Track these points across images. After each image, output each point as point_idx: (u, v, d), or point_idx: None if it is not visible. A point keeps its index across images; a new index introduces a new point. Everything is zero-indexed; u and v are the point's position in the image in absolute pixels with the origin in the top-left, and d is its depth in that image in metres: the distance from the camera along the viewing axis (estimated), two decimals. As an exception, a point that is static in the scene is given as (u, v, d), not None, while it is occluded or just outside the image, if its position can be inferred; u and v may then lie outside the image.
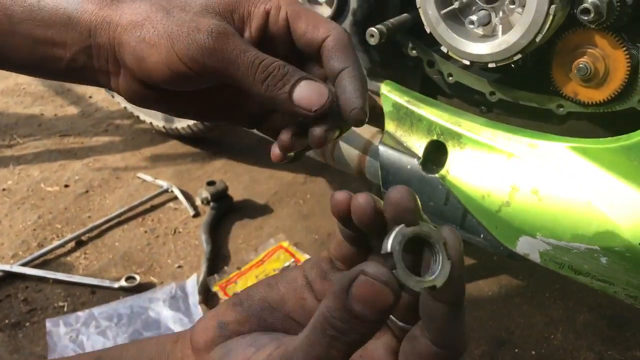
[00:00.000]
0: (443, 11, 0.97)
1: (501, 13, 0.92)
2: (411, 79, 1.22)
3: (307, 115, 0.45)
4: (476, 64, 0.99)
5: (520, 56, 0.91)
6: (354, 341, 0.32)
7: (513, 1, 0.89)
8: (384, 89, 1.12)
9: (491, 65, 0.95)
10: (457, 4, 0.96)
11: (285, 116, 0.51)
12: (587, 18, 0.85)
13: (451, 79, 1.08)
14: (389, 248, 0.33)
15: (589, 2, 0.84)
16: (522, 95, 1.02)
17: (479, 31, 0.96)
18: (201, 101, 0.51)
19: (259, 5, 0.48)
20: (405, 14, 1.09)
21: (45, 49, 0.49)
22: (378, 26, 1.05)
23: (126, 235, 1.58)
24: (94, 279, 1.42)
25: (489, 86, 1.04)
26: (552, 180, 0.88)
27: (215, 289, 1.38)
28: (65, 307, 1.35)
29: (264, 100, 0.46)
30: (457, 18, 0.98)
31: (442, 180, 0.99)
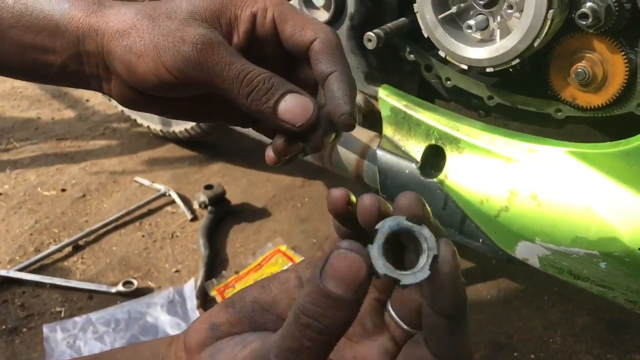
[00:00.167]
0: (441, 16, 0.96)
1: (499, 18, 0.92)
2: (409, 83, 1.22)
3: (292, 130, 0.45)
4: (474, 69, 0.99)
5: (518, 61, 0.91)
6: (328, 329, 0.30)
7: (511, 6, 0.89)
8: (382, 93, 1.12)
9: (489, 70, 0.95)
10: (454, 9, 0.95)
11: None
12: (586, 23, 0.85)
13: (449, 83, 1.08)
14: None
15: (587, 6, 0.84)
16: (520, 100, 1.02)
17: (476, 36, 0.96)
18: (195, 102, 0.51)
19: (245, 9, 0.47)
20: (402, 18, 1.09)
21: (36, 55, 0.49)
22: (375, 30, 1.04)
23: (123, 239, 1.57)
24: (91, 283, 1.41)
25: (487, 90, 1.04)
26: (551, 185, 0.87)
27: (213, 293, 1.37)
28: (63, 313, 1.35)
29: (249, 112, 0.46)
30: (454, 22, 0.98)
31: (440, 184, 0.98)
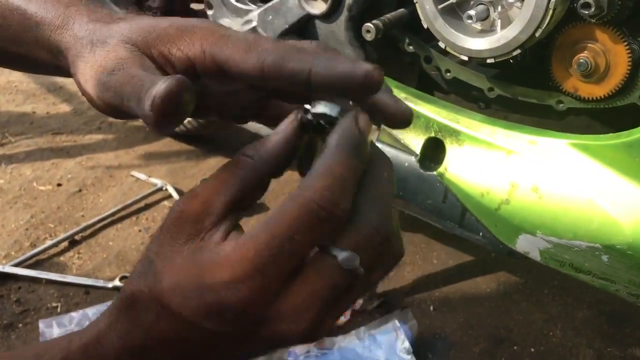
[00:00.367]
0: (440, 6, 0.95)
1: (500, 8, 0.91)
2: (408, 75, 1.21)
3: (157, 124, 0.38)
4: (474, 60, 0.98)
5: (519, 51, 0.90)
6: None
7: (512, -5, 0.87)
8: (381, 85, 1.11)
9: (490, 61, 0.94)
10: (455, -1, 0.94)
11: (285, 101, 0.47)
12: (588, 12, 0.83)
13: (449, 75, 1.07)
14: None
15: (589, -4, 0.83)
16: (521, 91, 1.00)
17: (477, 26, 0.94)
18: None
19: (180, 48, 0.42)
20: (401, 9, 1.07)
21: (27, 58, 0.49)
22: (374, 21, 1.03)
23: (120, 234, 1.56)
24: (87, 279, 1.40)
25: (488, 82, 1.03)
26: (553, 177, 0.86)
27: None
28: (59, 308, 1.33)
29: (148, 124, 0.39)
30: (454, 13, 0.96)
31: (440, 177, 0.97)
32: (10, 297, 1.36)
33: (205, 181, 0.39)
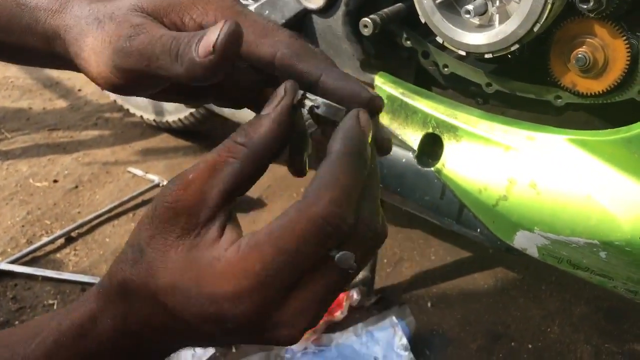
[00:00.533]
0: (438, 1, 0.94)
1: (498, 2, 0.90)
2: (406, 70, 1.20)
3: (213, 69, 0.38)
4: (472, 55, 0.97)
5: (517, 46, 0.89)
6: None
7: (510, -10, 0.87)
8: (378, 80, 1.10)
9: (488, 56, 0.93)
10: (452, -7, 0.93)
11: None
12: (587, 7, 0.83)
13: (446, 70, 1.06)
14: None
15: (588, -10, 0.82)
16: (519, 87, 1.00)
17: (475, 21, 0.93)
18: (182, 85, 0.46)
19: (193, 17, 0.43)
20: (399, 3, 1.06)
21: (18, 47, 0.48)
22: (372, 16, 1.02)
23: (117, 231, 1.55)
24: (84, 276, 1.39)
25: (486, 77, 1.02)
26: (551, 173, 0.86)
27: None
28: (55, 305, 1.33)
29: (187, 80, 0.39)
30: (452, 7, 0.95)
31: (437, 174, 0.97)
32: (6, 294, 1.35)
33: (196, 168, 0.38)
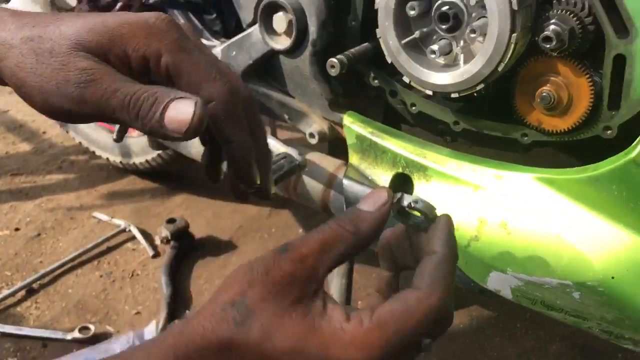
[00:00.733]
0: (404, 41, 0.94)
1: (462, 42, 0.90)
2: (374, 109, 1.19)
3: (181, 139, 0.43)
4: (439, 94, 0.97)
5: (483, 85, 0.89)
6: None
7: (474, 30, 0.87)
8: (347, 120, 1.09)
9: (454, 95, 0.93)
10: (417, 34, 0.93)
11: None
12: (549, 46, 0.83)
13: (414, 108, 1.06)
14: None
15: (550, 29, 0.83)
16: (486, 125, 1.00)
17: (440, 61, 0.94)
18: None
19: (136, 49, 0.44)
20: (366, 43, 1.06)
21: None
22: (338, 56, 1.02)
23: (80, 280, 1.49)
24: (45, 330, 1.32)
25: (453, 116, 1.02)
26: (520, 212, 0.85)
27: (176, 333, 1.30)
28: (14, 362, 1.26)
29: (149, 135, 0.45)
30: (418, 47, 0.96)
31: (408, 214, 0.95)
32: (-40, 350, 1.28)
33: (307, 243, 0.43)
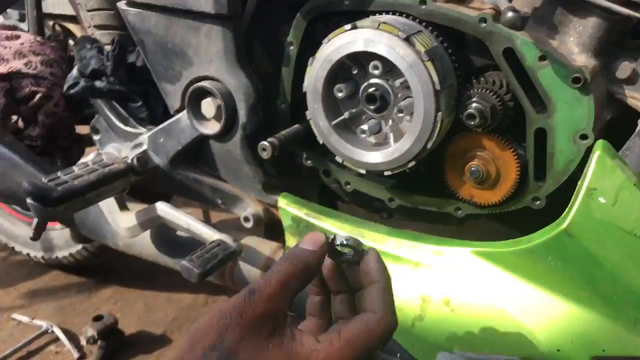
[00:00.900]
0: (334, 122, 0.95)
1: (391, 121, 0.92)
2: (309, 189, 1.18)
3: None
4: (372, 172, 0.97)
5: (414, 163, 0.90)
6: None
7: (401, 110, 0.89)
8: (282, 202, 1.07)
9: (387, 173, 0.93)
10: (346, 114, 0.94)
11: None
12: (473, 123, 0.86)
13: (349, 187, 1.06)
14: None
15: (473, 107, 0.86)
16: (420, 200, 1.00)
17: (371, 140, 0.94)
18: None
19: None
20: (296, 125, 1.07)
21: None
22: (269, 139, 1.01)
23: (-5, 391, 1.34)
24: None
25: (387, 193, 1.02)
26: (462, 288, 0.84)
27: None
28: None
29: None
30: (348, 128, 0.96)
31: (350, 296, 0.92)
32: None
33: (270, 283, 0.51)
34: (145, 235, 1.25)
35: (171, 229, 1.20)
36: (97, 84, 1.21)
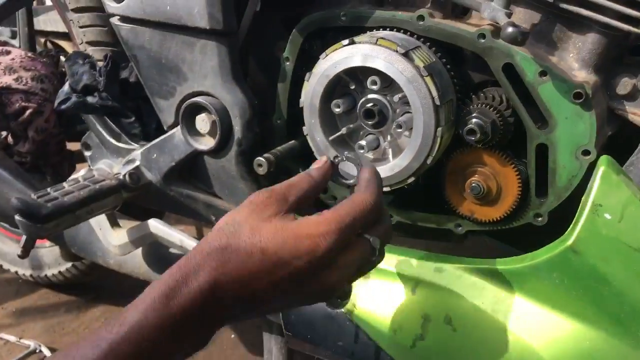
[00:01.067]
0: (331, 137, 0.94)
1: (389, 137, 0.91)
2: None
3: None
4: (370, 188, 0.96)
5: (413, 179, 0.89)
6: None
7: (400, 125, 0.88)
8: (277, 219, 1.05)
9: (386, 189, 0.92)
10: (344, 130, 0.93)
11: None
12: (474, 138, 0.85)
13: (346, 204, 1.04)
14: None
15: (473, 123, 0.85)
16: (420, 217, 0.99)
17: (369, 155, 0.93)
18: None
19: None
20: (293, 140, 1.05)
21: None
22: (265, 155, 0.99)
23: (-20, 416, 1.30)
24: None
25: (387, 209, 1.01)
26: (464, 306, 0.82)
27: None
28: None
29: None
30: (345, 143, 0.95)
31: (349, 315, 0.90)
32: None
33: (279, 184, 0.64)
34: (137, 253, 1.23)
35: (164, 246, 1.18)
36: (89, 99, 1.19)
